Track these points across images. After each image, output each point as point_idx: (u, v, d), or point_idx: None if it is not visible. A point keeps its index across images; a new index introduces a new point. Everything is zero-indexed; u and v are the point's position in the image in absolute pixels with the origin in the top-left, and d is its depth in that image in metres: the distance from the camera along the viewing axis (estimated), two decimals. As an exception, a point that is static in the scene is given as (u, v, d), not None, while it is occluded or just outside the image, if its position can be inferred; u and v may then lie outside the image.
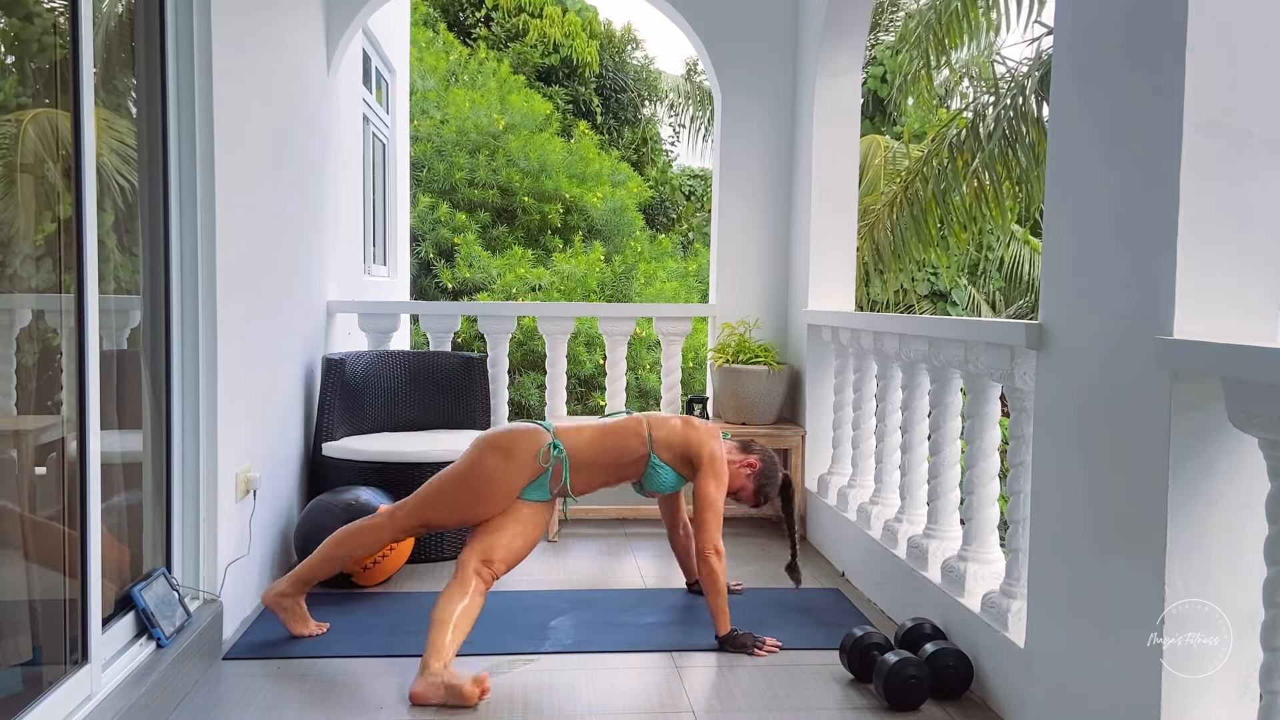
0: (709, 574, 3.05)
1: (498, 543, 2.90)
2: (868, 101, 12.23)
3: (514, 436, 3.02)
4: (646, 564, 3.97)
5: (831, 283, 4.52)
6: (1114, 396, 2.08)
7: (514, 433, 3.03)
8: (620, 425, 3.17)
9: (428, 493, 3.02)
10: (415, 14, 13.35)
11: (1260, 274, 1.92)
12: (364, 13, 4.60)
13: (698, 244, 14.37)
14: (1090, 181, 2.21)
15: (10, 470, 2.12)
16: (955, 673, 2.67)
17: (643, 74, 15.65)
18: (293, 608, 3.09)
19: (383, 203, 7.13)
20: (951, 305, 11.37)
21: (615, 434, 3.14)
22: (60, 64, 2.24)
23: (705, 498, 3.09)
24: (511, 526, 2.94)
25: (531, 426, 3.06)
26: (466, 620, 2.78)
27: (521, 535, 2.94)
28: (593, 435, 3.11)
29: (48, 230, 2.23)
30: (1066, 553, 2.28)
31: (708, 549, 3.05)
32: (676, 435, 3.14)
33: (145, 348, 2.78)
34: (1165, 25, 1.93)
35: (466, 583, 2.81)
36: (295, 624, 3.09)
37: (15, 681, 2.06)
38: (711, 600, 3.06)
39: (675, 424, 3.18)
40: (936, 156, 7.44)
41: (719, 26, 4.75)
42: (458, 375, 4.48)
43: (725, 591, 3.07)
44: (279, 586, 3.09)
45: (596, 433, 3.13)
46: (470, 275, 10.60)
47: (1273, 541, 1.66)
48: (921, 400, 3.37)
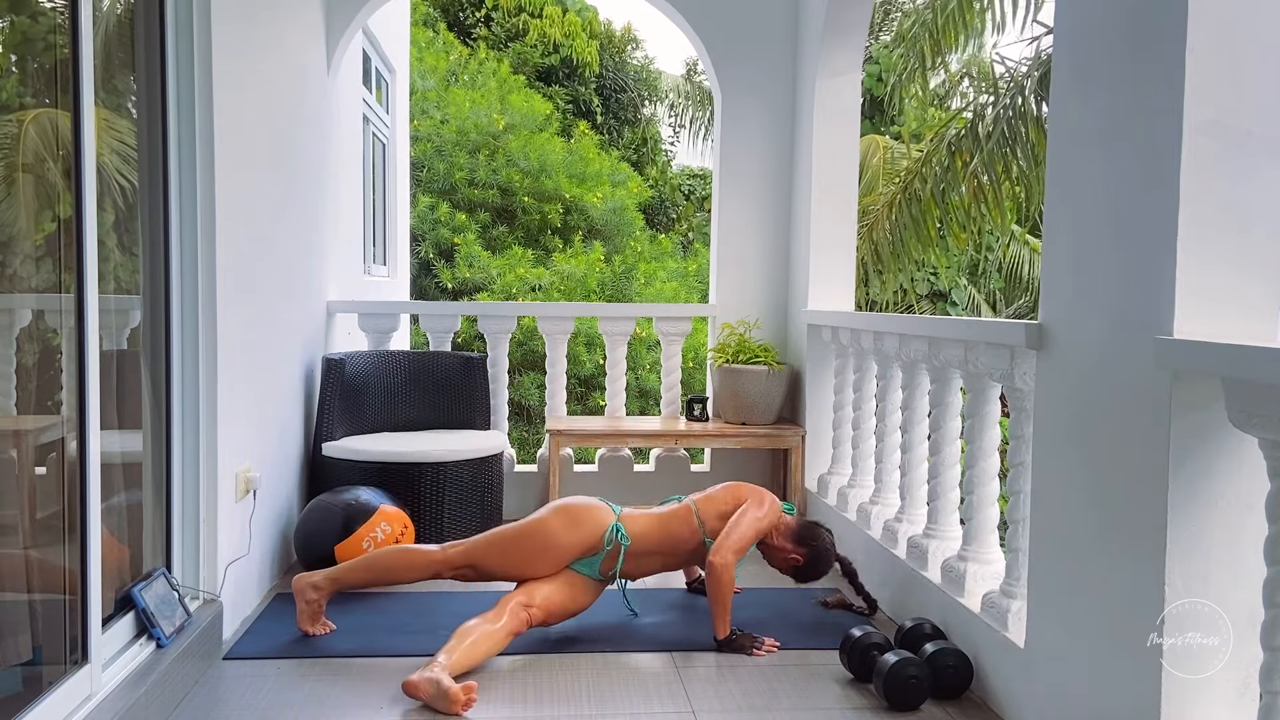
0: (716, 579, 3.02)
1: (540, 590, 3.00)
2: (865, 101, 12.24)
3: (587, 510, 3.13)
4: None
5: (831, 283, 4.52)
6: (1114, 396, 2.08)
7: (588, 507, 3.15)
8: (673, 514, 3.24)
9: (488, 538, 3.11)
10: (415, 14, 13.35)
11: (1260, 274, 1.92)
12: (364, 13, 4.60)
13: (698, 244, 14.37)
14: (1090, 181, 2.21)
15: (10, 470, 2.12)
16: (955, 673, 2.67)
17: (643, 74, 15.66)
18: (315, 603, 3.09)
19: (383, 203, 7.13)
20: (951, 305, 11.37)
21: (669, 523, 3.21)
22: (60, 64, 2.24)
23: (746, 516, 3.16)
24: (558, 584, 3.04)
25: (602, 505, 3.16)
26: (487, 642, 2.81)
27: (565, 594, 3.04)
28: (649, 525, 3.19)
29: (48, 230, 2.23)
30: (1066, 553, 2.28)
31: (725, 555, 3.04)
32: (725, 505, 3.22)
33: (145, 348, 2.78)
34: (1165, 25, 1.93)
35: (502, 612, 2.89)
36: (307, 620, 3.09)
37: (15, 681, 2.06)
38: (713, 604, 3.04)
39: (720, 495, 3.26)
40: (936, 156, 7.43)
41: (719, 26, 4.75)
42: (458, 375, 4.48)
43: (729, 599, 3.05)
44: (313, 578, 3.09)
45: (654, 522, 3.20)
46: (470, 275, 10.61)
47: (1273, 541, 1.66)
48: (921, 400, 3.37)
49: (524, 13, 14.21)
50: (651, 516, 3.22)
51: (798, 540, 3.30)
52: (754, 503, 3.21)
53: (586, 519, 3.10)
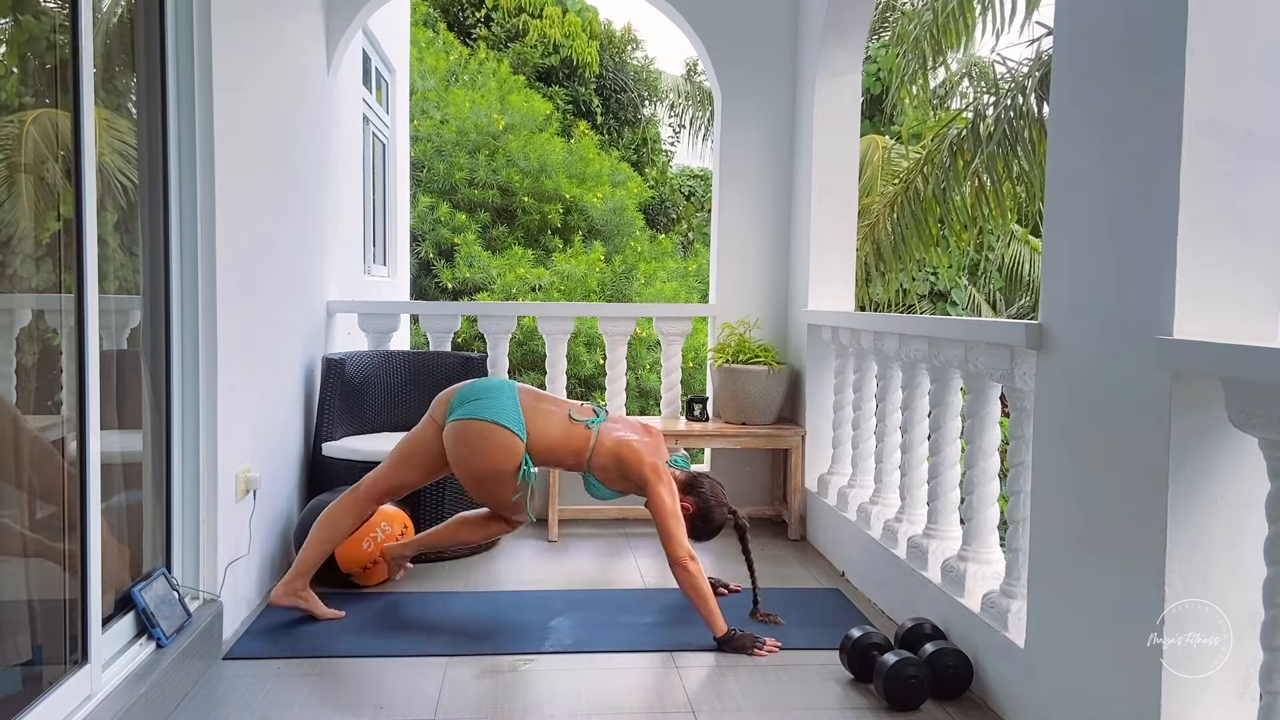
0: (687, 581, 3.02)
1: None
2: (865, 101, 12.23)
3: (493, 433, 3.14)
4: (646, 564, 3.97)
5: (831, 282, 4.52)
6: (1114, 396, 2.08)
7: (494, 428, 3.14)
8: (575, 433, 3.21)
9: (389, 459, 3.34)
10: (415, 14, 13.35)
11: (1260, 274, 1.92)
12: (364, 13, 4.61)
13: (698, 244, 14.38)
14: (1090, 181, 2.21)
15: (10, 470, 2.12)
16: (955, 673, 2.67)
17: (643, 74, 15.66)
18: (309, 596, 3.22)
19: (383, 203, 7.13)
20: (951, 305, 11.37)
21: (571, 438, 3.21)
22: (60, 64, 2.24)
23: (660, 507, 3.08)
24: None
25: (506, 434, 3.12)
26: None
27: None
28: (552, 434, 3.19)
29: (48, 230, 2.23)
30: (1066, 553, 2.28)
31: (679, 557, 3.01)
32: (613, 455, 3.17)
33: (145, 348, 2.78)
34: (1165, 25, 1.93)
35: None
36: (317, 608, 3.22)
37: (15, 681, 2.06)
38: (699, 607, 3.04)
39: (616, 450, 3.17)
40: (937, 156, 7.43)
41: (719, 26, 4.75)
42: (458, 375, 4.47)
43: (710, 595, 3.04)
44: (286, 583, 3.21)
45: (559, 432, 3.20)
46: (470, 275, 10.61)
47: (1273, 541, 1.66)
48: (921, 400, 3.37)
49: (524, 13, 14.21)
50: (558, 424, 3.20)
51: (687, 489, 3.28)
52: (656, 484, 3.11)
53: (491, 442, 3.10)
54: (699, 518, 3.27)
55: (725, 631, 3.03)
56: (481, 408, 3.13)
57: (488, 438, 3.10)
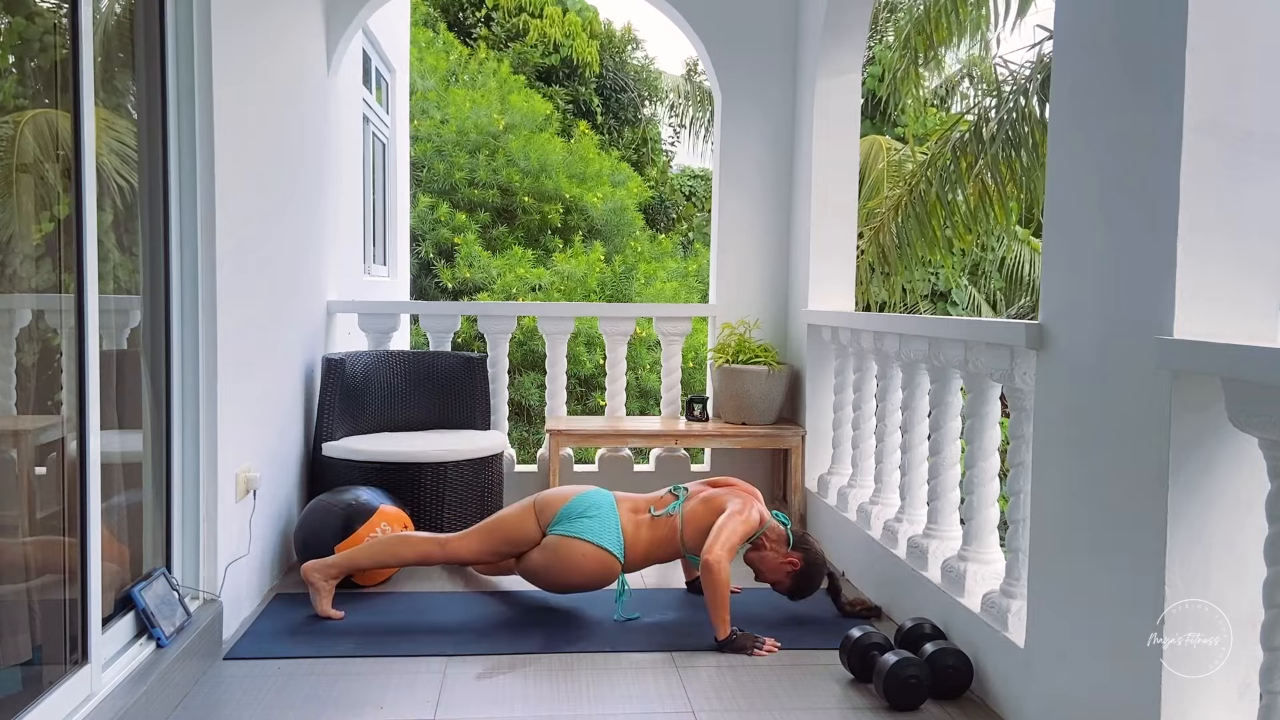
0: (713, 578, 3.02)
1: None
2: (867, 102, 12.24)
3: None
4: (646, 564, 3.97)
5: (831, 283, 4.52)
6: (1114, 396, 2.08)
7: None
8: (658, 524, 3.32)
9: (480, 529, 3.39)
10: (415, 14, 13.35)
11: (1260, 274, 1.92)
12: (364, 13, 4.61)
13: (698, 244, 14.38)
14: (1090, 181, 2.20)
15: (10, 470, 2.12)
16: (955, 673, 2.67)
17: (643, 74, 15.67)
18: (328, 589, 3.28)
19: (383, 203, 7.13)
20: (951, 305, 11.38)
21: (656, 530, 3.32)
22: (60, 64, 2.24)
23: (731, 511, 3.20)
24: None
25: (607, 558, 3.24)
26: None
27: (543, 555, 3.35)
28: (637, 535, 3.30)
29: (47, 230, 2.23)
30: (1066, 553, 2.28)
31: (718, 554, 3.05)
32: (697, 524, 3.27)
33: (145, 348, 2.78)
34: (1165, 25, 1.93)
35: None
36: (323, 603, 3.25)
37: (15, 681, 2.05)
38: (712, 606, 3.04)
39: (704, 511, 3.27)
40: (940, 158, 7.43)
41: (719, 27, 4.75)
42: (458, 375, 4.48)
43: (728, 599, 3.05)
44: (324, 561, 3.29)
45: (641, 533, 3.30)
46: (470, 275, 10.61)
47: (1273, 541, 1.66)
48: (921, 400, 3.37)
49: (524, 13, 14.22)
50: (646, 528, 3.31)
51: (792, 546, 3.30)
52: (735, 506, 3.23)
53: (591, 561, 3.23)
54: (802, 575, 3.29)
55: (727, 635, 3.03)
56: (587, 528, 3.23)
57: (589, 557, 3.23)
